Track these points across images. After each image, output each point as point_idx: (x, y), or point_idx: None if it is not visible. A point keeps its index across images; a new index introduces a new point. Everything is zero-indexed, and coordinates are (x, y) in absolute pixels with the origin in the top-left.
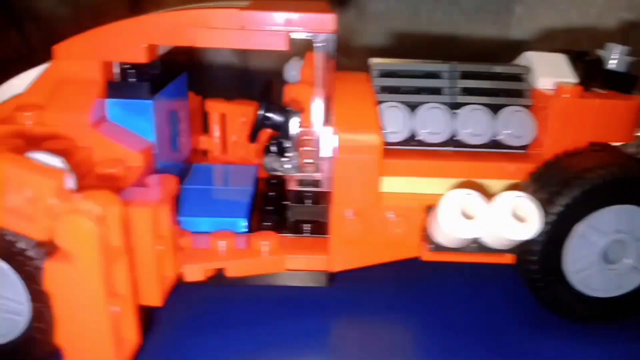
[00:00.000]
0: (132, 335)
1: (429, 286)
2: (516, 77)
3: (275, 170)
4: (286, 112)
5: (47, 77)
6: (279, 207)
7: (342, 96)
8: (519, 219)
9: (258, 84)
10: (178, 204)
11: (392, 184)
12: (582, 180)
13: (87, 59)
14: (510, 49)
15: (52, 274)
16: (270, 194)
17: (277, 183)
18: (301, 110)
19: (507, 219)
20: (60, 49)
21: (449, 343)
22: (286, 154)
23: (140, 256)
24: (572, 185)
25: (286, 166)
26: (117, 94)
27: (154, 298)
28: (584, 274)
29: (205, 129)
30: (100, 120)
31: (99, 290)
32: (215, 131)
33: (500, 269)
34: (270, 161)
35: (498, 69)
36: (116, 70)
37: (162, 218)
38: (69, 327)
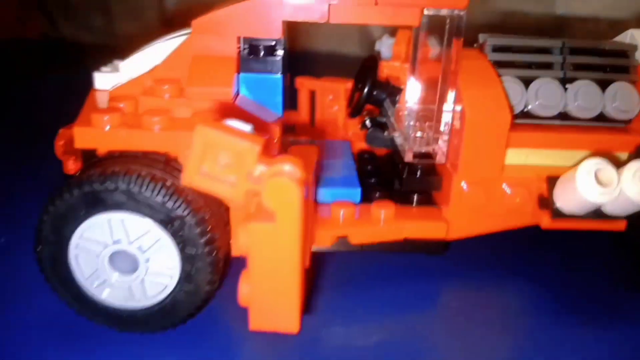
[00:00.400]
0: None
1: (535, 256)
2: (623, 54)
3: (381, 144)
4: (389, 89)
5: (184, 51)
6: (380, 179)
7: (464, 71)
8: None
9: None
10: None
11: (510, 156)
12: None
13: (224, 34)
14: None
15: (257, 233)
16: (368, 167)
17: (369, 157)
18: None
19: (637, 185)
20: (199, 24)
21: (555, 306)
22: (394, 128)
23: None
24: None
25: (397, 140)
26: (249, 69)
27: (306, 260)
28: None
29: (293, 106)
30: (236, 94)
31: (297, 248)
32: (304, 108)
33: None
34: (375, 136)
35: (606, 45)
36: (244, 46)
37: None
38: (262, 285)
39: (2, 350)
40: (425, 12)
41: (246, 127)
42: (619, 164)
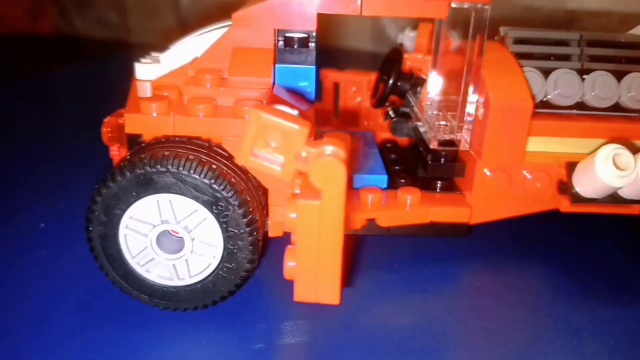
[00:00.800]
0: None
1: (554, 239)
2: (638, 46)
3: (405, 133)
4: (412, 80)
5: (224, 43)
6: (404, 166)
7: (488, 62)
8: None
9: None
10: None
11: (531, 143)
12: None
13: (262, 27)
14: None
15: (304, 210)
16: (392, 156)
17: (392, 146)
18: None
19: None
20: (238, 16)
21: (574, 287)
22: (418, 118)
23: None
24: None
25: (421, 129)
26: (284, 60)
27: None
28: None
29: (319, 97)
30: (273, 83)
31: (340, 224)
32: (328, 99)
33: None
34: (399, 125)
35: (621, 38)
36: (280, 38)
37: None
38: (306, 259)
39: (47, 330)
40: (453, 5)
41: (294, 112)
42: (635, 151)
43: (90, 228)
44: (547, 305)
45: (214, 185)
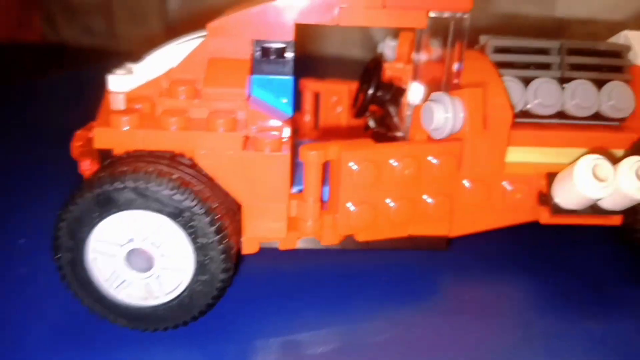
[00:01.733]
0: None
1: (534, 250)
2: (617, 54)
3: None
4: (392, 89)
5: (200, 53)
6: None
7: (467, 71)
8: None
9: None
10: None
11: (510, 154)
12: None
13: (239, 37)
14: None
15: None
16: None
17: None
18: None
19: (632, 180)
20: (214, 27)
21: (556, 300)
22: (398, 128)
23: None
24: None
25: (401, 139)
26: (261, 71)
27: None
28: None
29: (298, 107)
30: (249, 96)
31: None
32: (308, 110)
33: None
34: (379, 135)
35: (601, 46)
36: (257, 48)
37: None
38: None
39: (25, 355)
40: (431, 14)
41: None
42: (615, 161)
43: (59, 255)
44: (528, 319)
45: (176, 196)
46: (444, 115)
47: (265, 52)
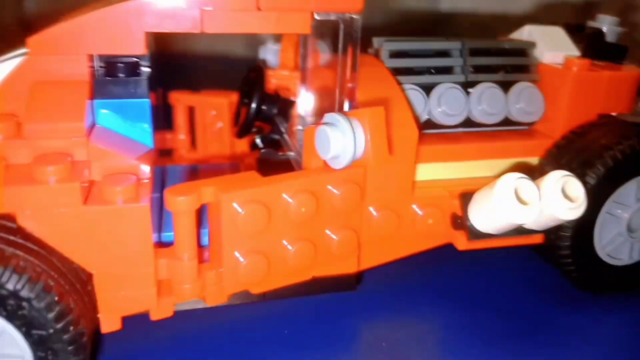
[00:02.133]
0: None
1: (447, 277)
2: (522, 52)
3: None
4: (280, 102)
5: (19, 77)
6: None
7: (362, 80)
8: (568, 198)
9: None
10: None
11: (419, 172)
12: (604, 159)
13: (72, 52)
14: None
15: None
16: None
17: None
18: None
19: (559, 199)
20: (36, 41)
21: (477, 327)
22: (289, 146)
23: None
24: (596, 165)
25: (294, 159)
26: (106, 94)
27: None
28: (611, 247)
29: (169, 125)
30: (91, 126)
31: None
32: (182, 127)
33: (510, 254)
34: (269, 156)
35: (505, 45)
36: (98, 65)
37: None
38: None
39: None
40: (316, 16)
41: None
42: (531, 170)
43: None
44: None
45: None
46: (342, 141)
47: (111, 69)
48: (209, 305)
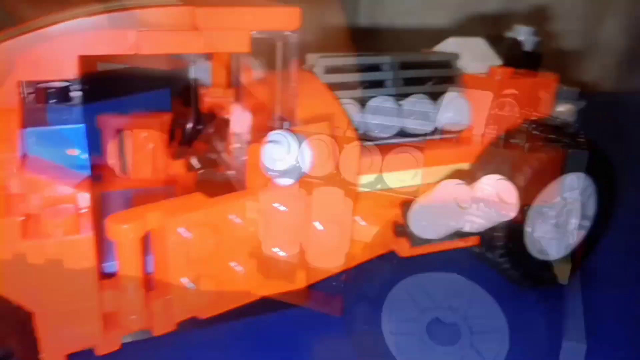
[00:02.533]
0: None
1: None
2: (447, 64)
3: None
4: (215, 121)
5: None
6: None
7: (302, 98)
8: (501, 200)
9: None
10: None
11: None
12: (531, 161)
13: None
14: None
15: None
16: None
17: None
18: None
19: (494, 202)
20: None
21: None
22: (227, 166)
23: None
24: (523, 167)
25: (232, 179)
26: (38, 121)
27: None
28: (541, 244)
29: (97, 150)
30: (23, 157)
31: None
32: (111, 151)
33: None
34: (206, 177)
35: (432, 57)
36: (28, 90)
37: None
38: None
39: None
40: (254, 35)
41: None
42: (464, 175)
43: None
44: None
45: None
46: (289, 157)
47: (41, 95)
48: (156, 335)
